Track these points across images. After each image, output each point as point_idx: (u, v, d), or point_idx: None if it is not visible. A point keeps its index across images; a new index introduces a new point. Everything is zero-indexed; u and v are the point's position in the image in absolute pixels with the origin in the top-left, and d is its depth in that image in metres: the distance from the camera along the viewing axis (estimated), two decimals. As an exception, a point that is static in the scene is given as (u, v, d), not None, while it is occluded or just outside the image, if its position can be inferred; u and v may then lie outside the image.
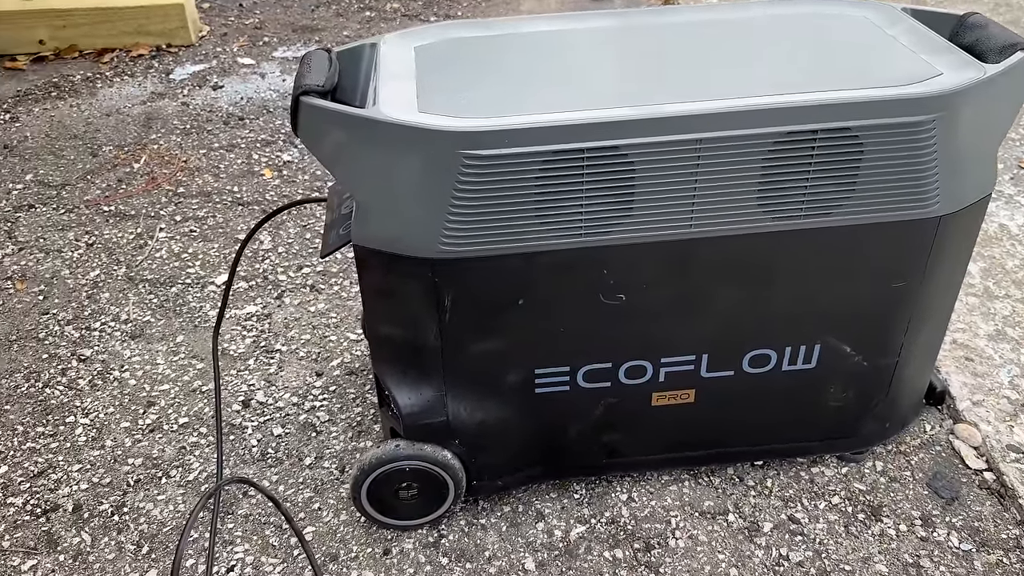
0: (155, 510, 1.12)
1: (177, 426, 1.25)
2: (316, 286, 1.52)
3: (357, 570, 1.04)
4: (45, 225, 1.65)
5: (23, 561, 1.06)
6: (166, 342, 1.40)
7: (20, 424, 1.25)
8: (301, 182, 1.77)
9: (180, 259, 1.57)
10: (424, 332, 0.93)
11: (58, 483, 1.16)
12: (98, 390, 1.31)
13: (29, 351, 1.38)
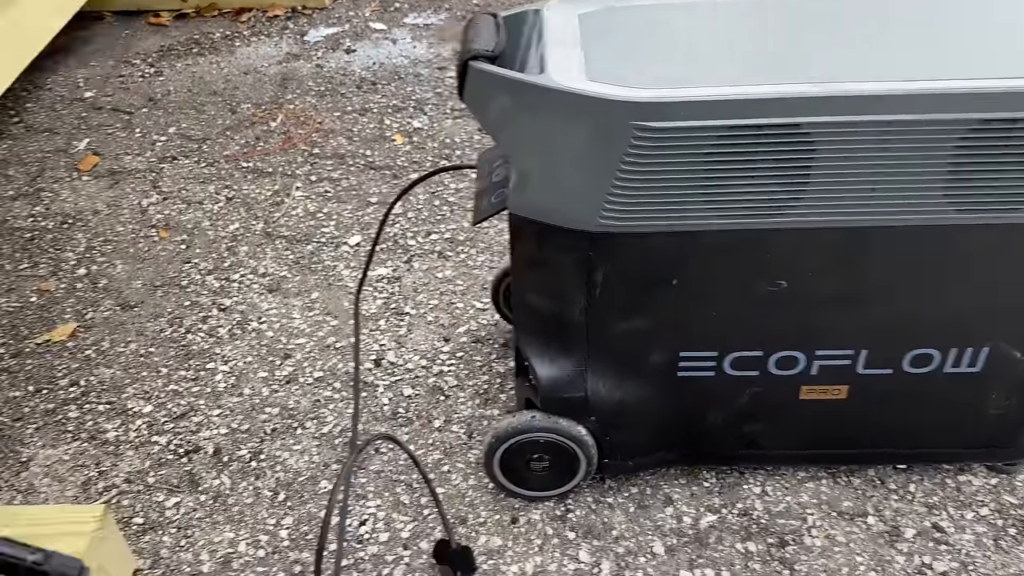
0: (291, 459, 1.16)
1: (312, 380, 1.28)
2: (444, 253, 1.53)
3: (485, 535, 1.04)
4: (187, 177, 1.71)
5: (167, 498, 1.12)
6: (301, 298, 1.43)
7: (164, 367, 1.31)
8: (431, 149, 1.78)
9: (315, 218, 1.60)
10: (571, 306, 0.92)
11: (199, 426, 1.21)
12: (237, 339, 1.36)
13: (173, 297, 1.44)
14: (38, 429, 1.21)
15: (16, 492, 1.13)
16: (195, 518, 1.09)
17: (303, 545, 1.05)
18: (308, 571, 1.02)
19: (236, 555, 1.04)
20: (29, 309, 1.41)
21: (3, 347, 1.34)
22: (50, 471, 1.16)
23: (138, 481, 1.14)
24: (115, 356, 1.33)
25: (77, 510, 0.95)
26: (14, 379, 1.29)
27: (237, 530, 1.07)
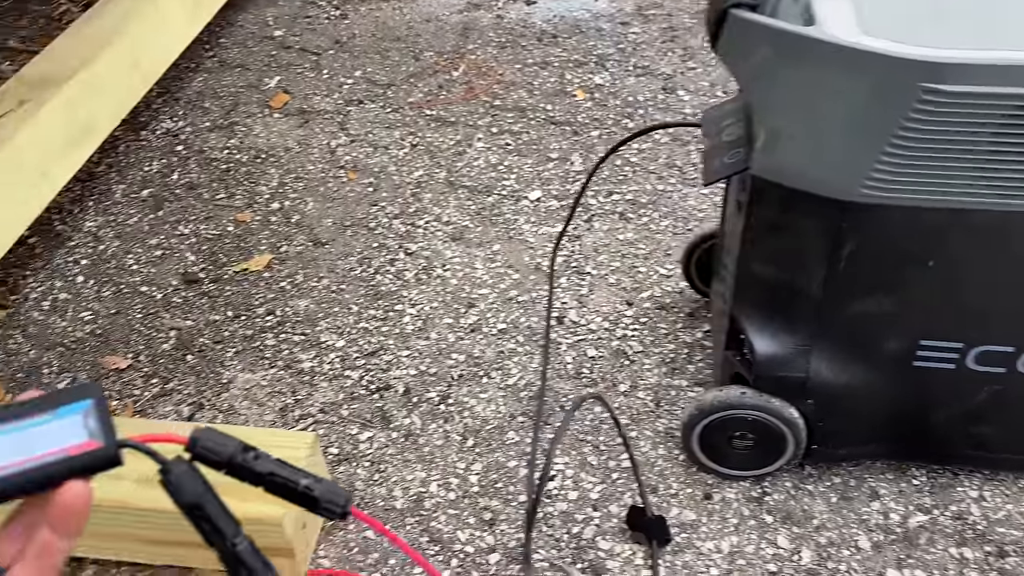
0: (478, 407, 1.16)
1: (496, 331, 1.28)
2: (625, 214, 1.49)
3: (678, 508, 1.02)
4: (373, 121, 1.74)
5: (360, 431, 1.15)
6: (483, 249, 1.43)
7: (355, 304, 1.34)
8: (613, 107, 1.74)
9: (496, 170, 1.60)
10: (808, 279, 0.87)
11: (389, 364, 1.24)
12: (422, 284, 1.37)
13: (361, 238, 1.47)
14: (237, 353, 1.27)
15: (218, 412, 1.18)
16: (387, 454, 1.11)
17: (492, 492, 1.05)
18: (499, 518, 1.02)
19: (427, 495, 1.05)
20: (227, 238, 1.47)
21: (204, 272, 1.41)
22: (249, 395, 1.21)
23: (332, 412, 1.17)
24: (308, 290, 1.37)
25: (289, 435, 0.99)
26: (214, 303, 1.35)
27: (428, 470, 1.08)
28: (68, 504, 0.45)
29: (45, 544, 0.46)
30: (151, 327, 1.31)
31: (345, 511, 0.51)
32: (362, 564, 0.98)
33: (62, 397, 0.45)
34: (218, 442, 0.49)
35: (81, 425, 0.44)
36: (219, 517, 0.48)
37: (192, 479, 0.48)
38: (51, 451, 0.43)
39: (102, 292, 1.37)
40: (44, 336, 1.30)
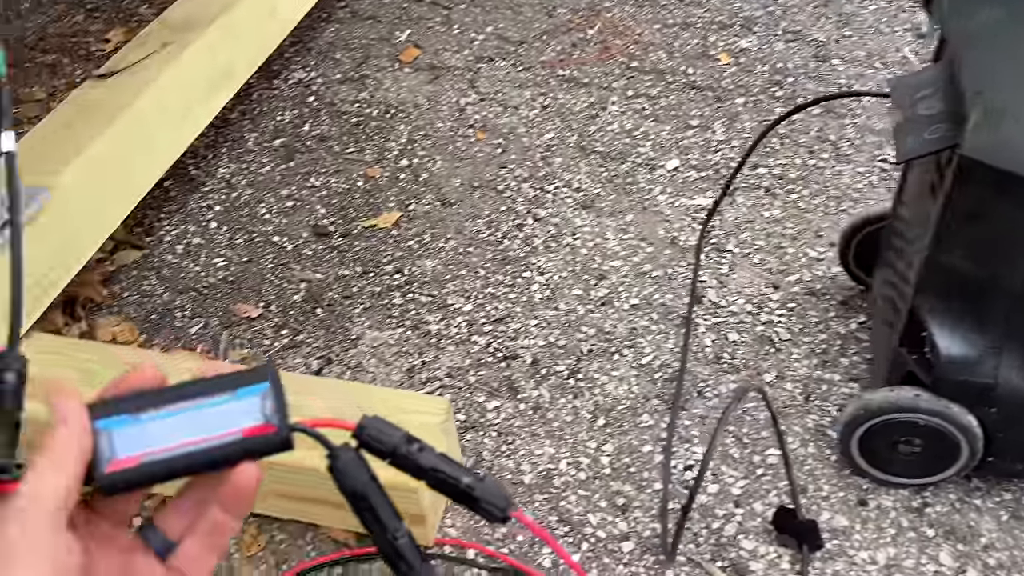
0: (609, 384, 1.11)
1: (628, 306, 1.22)
2: (772, 189, 1.40)
3: (828, 512, 0.95)
4: (503, 80, 1.69)
5: (487, 400, 1.11)
6: (616, 218, 1.37)
7: (482, 268, 1.31)
8: (759, 73, 1.63)
9: (631, 136, 1.52)
10: (1009, 275, 0.77)
11: (517, 333, 1.20)
12: (551, 252, 1.32)
13: (489, 200, 1.43)
14: (366, 310, 1.25)
15: (346, 368, 1.18)
16: (515, 426, 1.08)
17: (625, 476, 1.00)
18: (632, 504, 0.98)
19: (557, 472, 1.02)
20: (356, 192, 1.46)
21: (334, 225, 1.40)
22: (376, 353, 1.19)
23: (459, 378, 1.15)
24: (436, 250, 1.34)
25: (424, 400, 0.96)
26: (343, 258, 1.34)
27: (558, 447, 1.04)
28: (242, 486, 0.45)
29: (217, 522, 0.46)
30: (282, 277, 1.31)
31: (505, 515, 0.48)
32: (489, 538, 0.96)
33: (241, 378, 0.44)
34: (384, 431, 0.47)
35: (258, 408, 0.44)
36: (382, 508, 0.47)
37: (358, 467, 0.46)
38: (229, 432, 0.43)
39: (234, 239, 1.38)
40: (177, 279, 1.32)
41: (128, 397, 0.44)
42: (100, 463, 0.42)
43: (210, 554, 0.46)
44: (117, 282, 1.31)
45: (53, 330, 1.18)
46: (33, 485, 0.39)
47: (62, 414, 0.42)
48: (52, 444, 0.41)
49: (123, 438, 0.42)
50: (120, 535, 0.46)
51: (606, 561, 0.93)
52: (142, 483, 0.43)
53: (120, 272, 1.33)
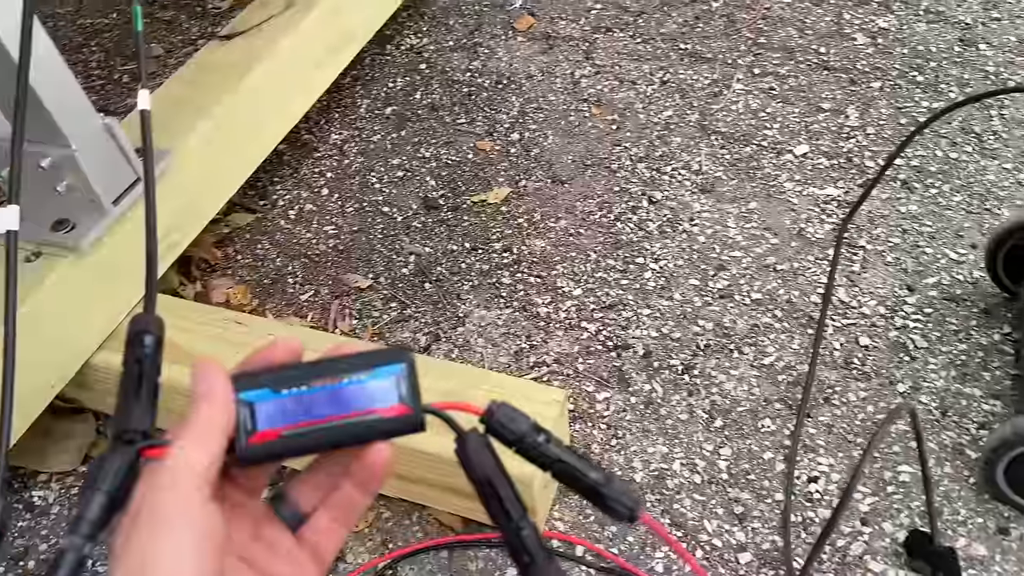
0: (728, 384, 1.07)
1: (750, 300, 1.17)
2: (909, 183, 1.31)
3: (965, 538, 0.89)
4: (621, 52, 1.63)
5: (597, 390, 1.09)
6: (737, 205, 1.31)
7: (593, 251, 1.27)
8: (899, 55, 1.53)
9: (757, 117, 1.45)
10: None
11: (628, 322, 1.17)
12: (667, 238, 1.28)
13: (602, 179, 1.39)
14: (474, 288, 1.24)
15: (454, 346, 1.17)
16: (625, 420, 1.05)
17: (744, 483, 0.97)
18: (751, 514, 0.94)
19: (670, 473, 0.98)
20: (466, 165, 1.44)
21: (443, 199, 1.38)
22: (484, 332, 1.18)
23: (567, 364, 1.12)
24: (545, 230, 1.31)
25: (540, 389, 0.94)
26: (452, 232, 1.33)
27: (671, 446, 1.01)
28: (376, 465, 0.45)
29: (349, 499, 0.47)
30: (391, 249, 1.30)
31: (633, 515, 0.47)
32: (598, 535, 0.94)
33: (378, 357, 0.45)
34: (513, 418, 0.47)
35: (394, 389, 0.44)
36: (508, 497, 0.46)
37: (486, 453, 0.46)
38: (365, 411, 0.44)
39: (345, 207, 1.38)
40: (289, 245, 1.33)
41: (269, 371, 0.44)
42: (241, 436, 0.43)
43: (340, 528, 0.48)
44: (231, 244, 1.33)
45: (170, 290, 1.21)
46: (180, 458, 0.40)
47: (206, 387, 0.43)
48: (197, 419, 0.42)
49: (264, 412, 0.43)
50: (252, 504, 0.47)
51: (721, 571, 0.90)
52: (280, 457, 0.44)
53: (234, 234, 1.35)
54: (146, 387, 0.46)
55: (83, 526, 0.40)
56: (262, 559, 0.45)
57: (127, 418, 0.44)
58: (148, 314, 0.49)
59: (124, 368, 0.47)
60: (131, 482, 0.42)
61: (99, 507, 0.41)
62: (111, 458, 0.42)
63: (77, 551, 0.40)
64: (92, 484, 0.41)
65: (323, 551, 0.47)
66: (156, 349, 0.48)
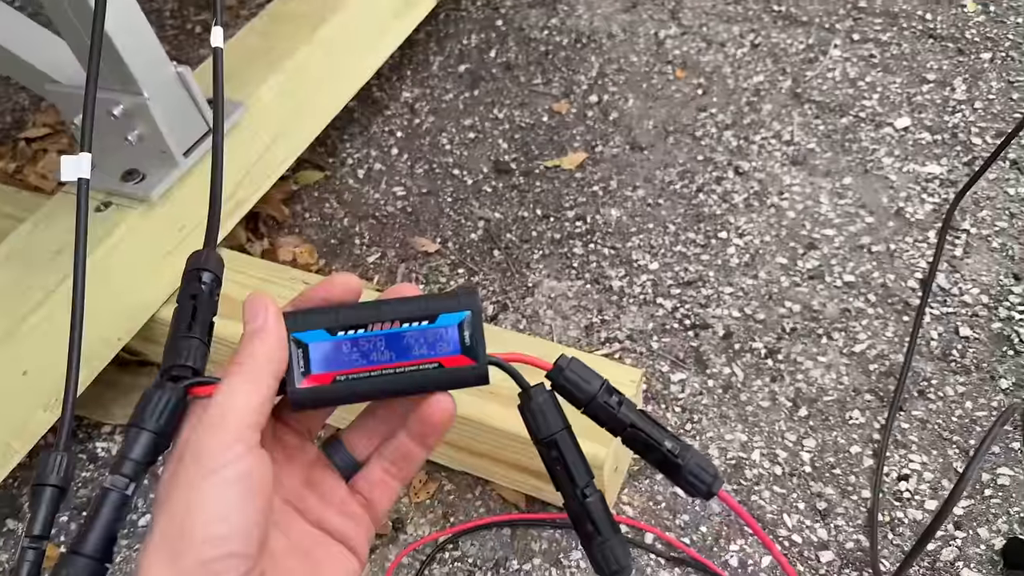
0: (814, 371, 1.02)
1: (841, 283, 1.11)
2: (1019, 163, 1.22)
3: (1073, 554, 0.83)
4: (710, 12, 1.56)
5: (672, 371, 1.04)
6: (831, 180, 1.24)
7: (672, 223, 1.22)
8: (1012, 25, 1.42)
9: (855, 86, 1.37)
10: None
11: (708, 300, 1.12)
12: (753, 211, 1.22)
13: (684, 147, 1.33)
14: (544, 257, 1.20)
15: (522, 316, 1.13)
16: (702, 404, 1.00)
17: (828, 478, 0.92)
18: (834, 510, 0.89)
19: (749, 463, 0.94)
20: (541, 128, 1.40)
21: (515, 163, 1.34)
22: (553, 304, 1.14)
23: (641, 342, 1.08)
24: (622, 199, 1.26)
25: (614, 367, 0.90)
26: (523, 198, 1.29)
27: (750, 434, 0.96)
28: (435, 419, 0.43)
29: (405, 451, 0.45)
30: (460, 213, 1.27)
31: (711, 491, 0.44)
32: (669, 523, 0.90)
33: (442, 303, 0.42)
34: (583, 376, 0.44)
35: (457, 337, 0.42)
36: (574, 460, 0.43)
37: (553, 412, 0.43)
38: (426, 359, 0.42)
39: (415, 169, 1.35)
40: (357, 205, 1.31)
41: (324, 311, 0.42)
42: (293, 378, 0.41)
43: (394, 481, 0.45)
44: (299, 202, 1.32)
45: (237, 246, 1.20)
46: (228, 398, 0.38)
47: (259, 324, 0.40)
48: (248, 356, 0.39)
49: (318, 354, 0.41)
50: (305, 447, 0.45)
51: (800, 569, 0.85)
52: (333, 402, 0.42)
53: (302, 192, 1.33)
54: (199, 323, 0.43)
55: (126, 466, 0.39)
56: (314, 508, 0.44)
57: (176, 353, 0.42)
58: (207, 249, 0.47)
59: (178, 303, 0.45)
60: (177, 421, 0.40)
61: (143, 447, 0.39)
62: (157, 395, 0.40)
63: (120, 491, 0.39)
64: (137, 422, 0.40)
65: (376, 505, 0.45)
66: (213, 287, 0.46)
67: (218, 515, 0.35)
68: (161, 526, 0.36)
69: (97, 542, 0.38)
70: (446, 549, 0.91)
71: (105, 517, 0.38)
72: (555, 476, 0.43)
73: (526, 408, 0.43)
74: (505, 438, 0.85)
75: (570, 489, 0.43)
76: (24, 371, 0.82)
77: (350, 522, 0.44)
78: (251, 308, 0.41)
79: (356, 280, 0.43)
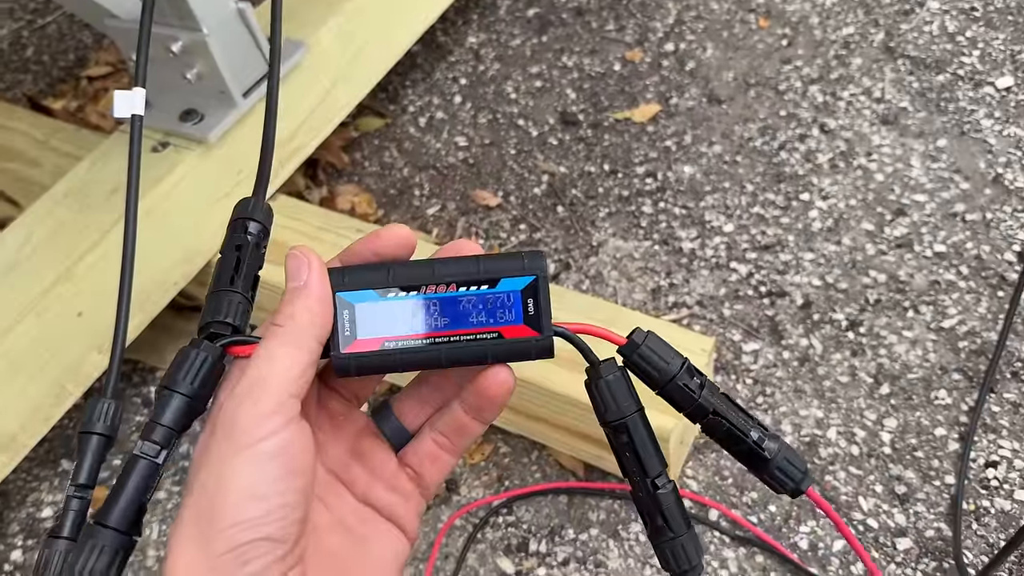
0: (898, 347, 0.96)
1: (931, 253, 1.04)
2: None
3: None
4: (797, -42, 1.47)
5: (744, 340, 1.00)
6: (924, 141, 1.17)
7: (750, 182, 1.16)
8: None
9: (954, 42, 1.28)
10: None
11: (786, 266, 1.06)
12: (838, 173, 1.15)
13: (766, 102, 1.26)
14: (610, 215, 1.16)
15: (584, 276, 1.10)
16: (775, 376, 0.96)
17: (908, 461, 0.87)
18: (914, 496, 0.84)
19: (824, 440, 0.90)
20: (611, 77, 1.34)
21: (583, 114, 1.29)
22: (618, 265, 1.10)
23: (711, 308, 1.04)
24: (696, 155, 1.21)
25: (684, 334, 0.87)
26: (590, 151, 1.24)
27: (827, 411, 0.92)
28: (492, 392, 0.40)
29: (459, 423, 0.42)
30: (524, 166, 1.23)
31: (799, 489, 0.40)
32: (736, 499, 0.87)
33: (505, 265, 0.38)
34: (661, 354, 0.39)
35: (520, 305, 0.39)
36: (645, 447, 0.39)
37: (624, 392, 0.39)
38: (484, 328, 0.38)
39: (478, 118, 1.31)
40: (418, 154, 1.28)
41: (374, 267, 0.39)
42: (338, 341, 0.38)
43: (447, 455, 0.42)
44: (358, 149, 1.29)
45: (295, 192, 1.19)
46: (266, 364, 0.35)
47: (301, 281, 0.37)
48: (288, 317, 0.36)
49: (365, 316, 0.38)
50: (352, 415, 0.42)
51: (875, 555, 0.81)
52: (379, 370, 0.39)
53: (362, 140, 1.31)
54: (243, 277, 0.40)
55: (156, 432, 0.36)
56: (360, 481, 0.41)
57: (216, 309, 0.39)
58: (255, 197, 0.44)
59: (221, 253, 0.42)
60: (213, 383, 0.38)
61: (175, 411, 0.37)
62: (192, 354, 0.37)
63: (150, 459, 0.36)
64: (170, 383, 0.37)
65: (427, 480, 0.42)
66: (259, 238, 0.42)
67: (252, 494, 0.32)
68: (190, 506, 0.33)
69: (124, 513, 0.36)
70: (500, 513, 0.89)
71: (133, 486, 0.36)
72: (623, 462, 0.40)
73: (594, 386, 0.39)
74: (566, 403, 0.82)
75: (640, 478, 0.39)
76: (79, 312, 0.82)
77: (399, 497, 0.41)
78: (293, 264, 0.37)
79: (409, 233, 0.39)
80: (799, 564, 0.81)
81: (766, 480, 0.40)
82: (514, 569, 0.85)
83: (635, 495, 0.40)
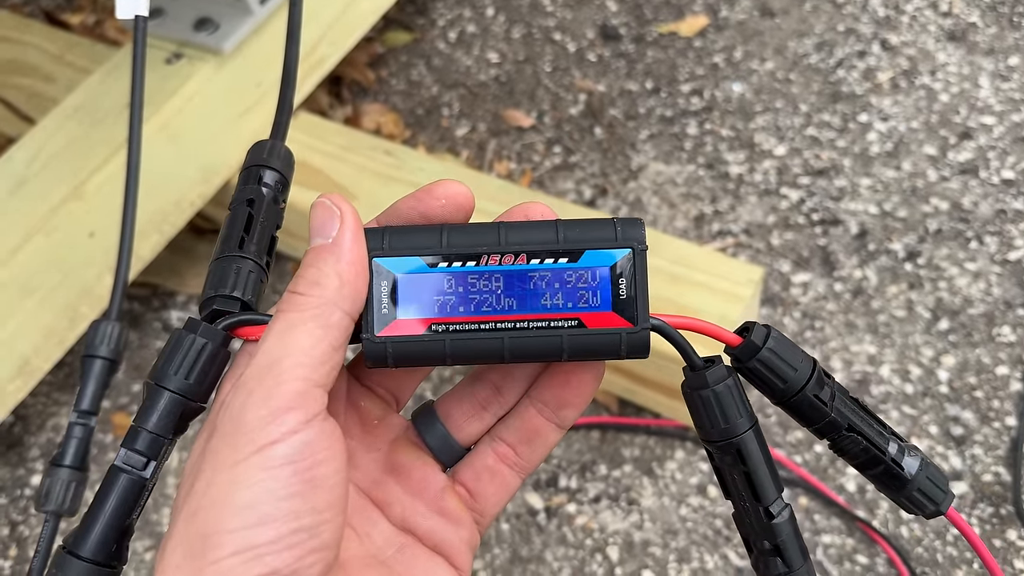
0: (960, 279, 0.92)
1: (999, 180, 0.99)
2: None
3: None
4: None
5: (793, 271, 0.96)
6: (994, 59, 1.09)
7: (804, 102, 1.10)
8: None
9: (1036, -54, 1.19)
10: None
11: (841, 192, 1.01)
12: (900, 93, 1.09)
13: (824, 15, 1.19)
14: (652, 137, 1.11)
15: (623, 202, 1.06)
16: (826, 309, 0.92)
17: (967, 401, 0.83)
18: (972, 438, 0.81)
19: (876, 378, 0.86)
20: (655, -11, 1.27)
21: (625, 27, 1.23)
22: (659, 191, 1.06)
23: (759, 237, 0.99)
24: (747, 72, 1.15)
25: (730, 264, 0.83)
26: (632, 69, 1.19)
27: (880, 346, 0.88)
28: (577, 389, 0.33)
29: (531, 428, 0.34)
30: (559, 84, 1.18)
31: (938, 511, 0.34)
32: (779, 439, 0.83)
33: (591, 234, 0.31)
34: (788, 359, 0.33)
35: (609, 288, 0.31)
36: (761, 471, 0.33)
37: (735, 404, 0.33)
38: (561, 314, 0.31)
39: (511, 32, 1.25)
40: (447, 72, 1.23)
41: (422, 230, 0.31)
42: (372, 321, 0.30)
43: (510, 472, 0.34)
44: (384, 66, 1.25)
45: (318, 110, 1.15)
46: (281, 344, 0.27)
47: (332, 237, 0.29)
48: (312, 284, 0.28)
49: (409, 290, 0.30)
50: (389, 419, 0.35)
51: (927, 499, 0.78)
52: (424, 361, 0.31)
53: (389, 56, 1.26)
54: (255, 240, 0.33)
55: (141, 439, 0.29)
56: (398, 503, 0.33)
57: (220, 280, 0.31)
58: (274, 140, 0.37)
59: (230, 209, 0.34)
60: (215, 375, 0.31)
61: (164, 413, 0.30)
62: (187, 340, 0.30)
63: (134, 473, 0.30)
64: (158, 377, 0.30)
65: (483, 502, 0.34)
66: (277, 191, 0.35)
67: (258, 514, 0.25)
68: (179, 530, 0.26)
69: (102, 540, 0.29)
70: (530, 448, 0.88)
71: (113, 507, 0.29)
72: (727, 484, 0.34)
73: (697, 395, 0.33)
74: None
75: (749, 504, 0.33)
76: (91, 232, 0.80)
77: (446, 523, 0.34)
78: (320, 215, 0.29)
79: (468, 192, 0.32)
80: (844, 507, 0.78)
81: (901, 502, 0.34)
82: (543, 504, 0.84)
83: (739, 518, 0.34)
